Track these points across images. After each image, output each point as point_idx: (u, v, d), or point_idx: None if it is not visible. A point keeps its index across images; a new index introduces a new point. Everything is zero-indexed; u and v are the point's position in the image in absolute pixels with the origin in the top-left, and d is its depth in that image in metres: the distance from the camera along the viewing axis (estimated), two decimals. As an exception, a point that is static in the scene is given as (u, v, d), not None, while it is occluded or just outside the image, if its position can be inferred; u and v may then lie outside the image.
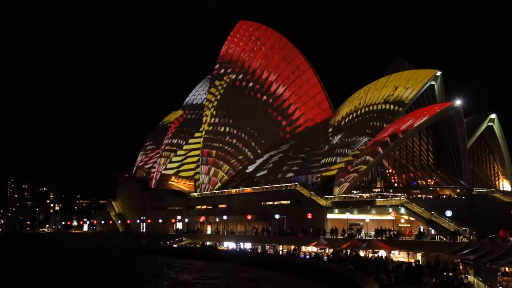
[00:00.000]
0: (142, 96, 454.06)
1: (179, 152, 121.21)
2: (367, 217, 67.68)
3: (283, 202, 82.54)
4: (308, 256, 62.13)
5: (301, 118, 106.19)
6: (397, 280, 38.48)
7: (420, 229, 58.25)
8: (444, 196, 70.05)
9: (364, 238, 59.38)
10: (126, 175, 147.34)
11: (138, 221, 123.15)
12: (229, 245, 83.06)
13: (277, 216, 76.43)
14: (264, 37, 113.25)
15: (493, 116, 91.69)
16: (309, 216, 70.85)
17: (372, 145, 76.15)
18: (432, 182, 76.67)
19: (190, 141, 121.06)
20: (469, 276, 37.76)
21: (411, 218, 63.07)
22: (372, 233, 60.41)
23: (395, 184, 77.95)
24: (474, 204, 57.78)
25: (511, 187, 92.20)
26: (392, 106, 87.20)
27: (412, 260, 50.97)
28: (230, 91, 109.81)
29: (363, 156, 75.32)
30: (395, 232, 58.62)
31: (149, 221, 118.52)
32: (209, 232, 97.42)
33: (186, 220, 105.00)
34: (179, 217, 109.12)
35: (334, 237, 63.72)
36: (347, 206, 68.87)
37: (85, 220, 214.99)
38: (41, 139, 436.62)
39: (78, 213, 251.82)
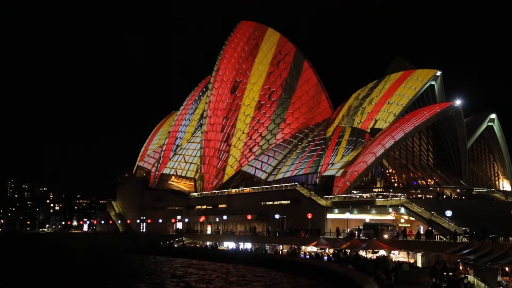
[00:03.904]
0: (142, 96, 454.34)
1: (179, 152, 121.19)
2: (367, 217, 67.67)
3: (283, 202, 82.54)
4: (308, 256, 62.16)
5: (301, 118, 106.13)
6: (397, 280, 38.51)
7: (420, 229, 58.21)
8: (444, 196, 70.02)
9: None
10: (126, 175, 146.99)
11: (138, 221, 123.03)
12: (229, 245, 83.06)
13: (277, 216, 76.42)
14: (265, 37, 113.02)
15: (493, 116, 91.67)
16: (309, 216, 70.79)
17: (372, 145, 76.12)
18: (432, 182, 76.64)
19: (190, 140, 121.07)
20: (469, 276, 37.73)
21: (411, 218, 63.05)
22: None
23: (395, 184, 77.91)
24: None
25: (511, 187, 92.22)
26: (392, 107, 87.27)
27: (412, 260, 50.99)
28: (230, 91, 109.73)
29: (363, 156, 75.29)
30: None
31: (149, 221, 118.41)
32: (209, 232, 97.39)
33: (186, 220, 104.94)
34: (179, 217, 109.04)
35: (334, 236, 63.72)
36: (347, 206, 68.87)
37: (85, 220, 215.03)
38: (40, 139, 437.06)
39: (78, 213, 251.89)
